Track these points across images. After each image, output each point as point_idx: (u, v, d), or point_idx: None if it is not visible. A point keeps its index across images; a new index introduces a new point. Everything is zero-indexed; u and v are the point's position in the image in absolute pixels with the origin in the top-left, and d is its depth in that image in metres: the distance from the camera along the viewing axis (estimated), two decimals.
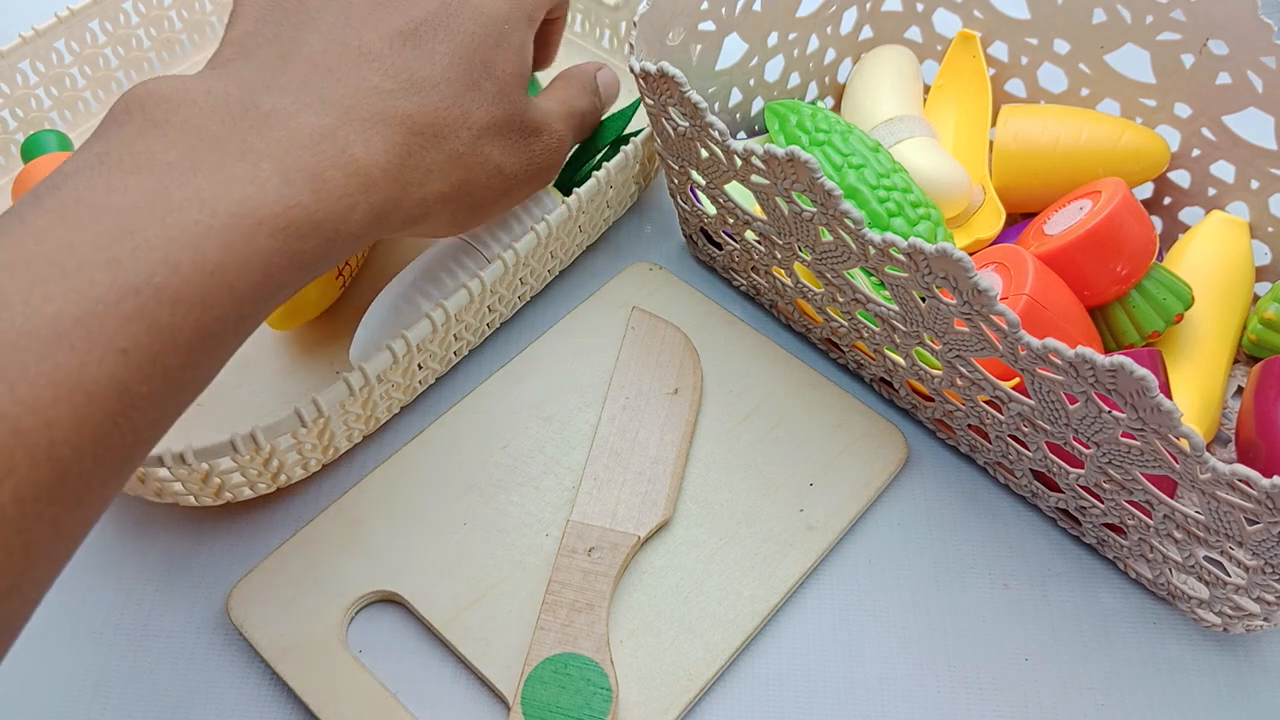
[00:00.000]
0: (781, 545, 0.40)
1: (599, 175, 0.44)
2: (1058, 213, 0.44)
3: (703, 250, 0.48)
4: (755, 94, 0.50)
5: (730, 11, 0.45)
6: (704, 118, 0.38)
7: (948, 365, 0.37)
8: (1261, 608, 0.35)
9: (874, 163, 0.44)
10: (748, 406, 0.44)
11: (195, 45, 0.57)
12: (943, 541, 0.41)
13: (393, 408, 0.42)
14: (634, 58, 0.40)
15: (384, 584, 0.38)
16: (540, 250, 0.43)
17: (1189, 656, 0.39)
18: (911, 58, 0.52)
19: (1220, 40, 0.43)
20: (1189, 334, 0.43)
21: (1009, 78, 0.51)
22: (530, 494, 0.41)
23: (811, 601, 0.39)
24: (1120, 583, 0.40)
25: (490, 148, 0.35)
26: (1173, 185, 0.48)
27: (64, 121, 0.53)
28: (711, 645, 0.37)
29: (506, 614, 0.38)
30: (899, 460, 0.42)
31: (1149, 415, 0.30)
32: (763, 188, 0.38)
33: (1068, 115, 0.47)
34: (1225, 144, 0.45)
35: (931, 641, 0.39)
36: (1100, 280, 0.41)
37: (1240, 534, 0.32)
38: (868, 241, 0.35)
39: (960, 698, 0.37)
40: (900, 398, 0.43)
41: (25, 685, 0.37)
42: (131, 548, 0.40)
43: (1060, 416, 0.34)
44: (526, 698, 0.35)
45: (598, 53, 0.58)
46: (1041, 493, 0.40)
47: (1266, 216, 0.45)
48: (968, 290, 0.32)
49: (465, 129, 0.34)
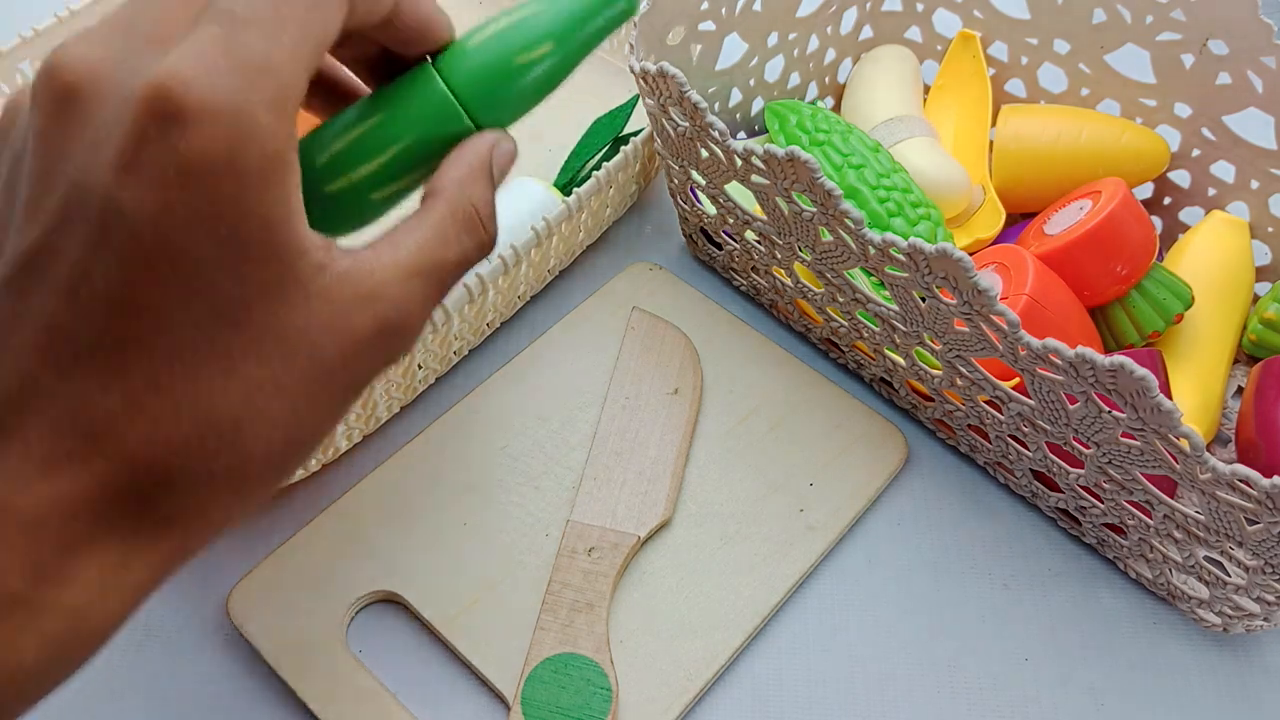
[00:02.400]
0: (781, 545, 0.40)
1: (599, 175, 0.44)
2: (1058, 213, 0.44)
3: (703, 250, 0.48)
4: (755, 94, 0.50)
5: (730, 11, 0.45)
6: (704, 118, 0.38)
7: (948, 365, 0.37)
8: (1261, 608, 0.35)
9: (874, 163, 0.44)
10: (748, 406, 0.44)
11: None
12: (943, 541, 0.41)
13: (393, 407, 0.42)
14: (634, 58, 0.40)
15: (384, 584, 0.38)
16: (540, 250, 0.43)
17: (1189, 656, 0.38)
18: (911, 58, 0.52)
19: (1220, 40, 0.43)
20: (1189, 334, 0.43)
21: (1009, 78, 0.51)
22: (530, 494, 0.41)
23: (811, 601, 0.39)
24: (1120, 583, 0.40)
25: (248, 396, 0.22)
26: (1173, 185, 0.48)
27: None
28: (711, 645, 0.37)
29: (506, 614, 0.38)
30: (899, 460, 0.42)
31: (1149, 415, 0.30)
32: (763, 188, 0.38)
33: (1068, 115, 0.47)
34: (1225, 144, 0.45)
35: (931, 641, 0.39)
36: (1100, 280, 0.41)
37: (1240, 534, 0.32)
38: (868, 241, 0.35)
39: (960, 698, 0.37)
40: (900, 398, 0.43)
41: None
42: None
43: (1060, 416, 0.34)
44: (526, 698, 0.35)
45: (597, 52, 0.58)
46: (1041, 493, 0.40)
47: (1266, 216, 0.45)
48: (968, 290, 0.32)
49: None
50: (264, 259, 0.22)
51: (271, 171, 0.22)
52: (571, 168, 0.49)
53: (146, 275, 0.21)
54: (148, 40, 0.22)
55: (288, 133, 0.22)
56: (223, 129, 0.21)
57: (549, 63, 0.29)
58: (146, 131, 0.21)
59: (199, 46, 0.22)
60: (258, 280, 0.22)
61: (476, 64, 0.28)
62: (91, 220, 0.21)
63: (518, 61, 0.29)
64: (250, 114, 0.21)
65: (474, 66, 0.28)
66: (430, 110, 0.28)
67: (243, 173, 0.21)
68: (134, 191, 0.21)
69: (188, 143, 0.21)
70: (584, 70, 0.38)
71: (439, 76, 0.28)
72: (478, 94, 0.28)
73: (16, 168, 0.23)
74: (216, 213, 0.21)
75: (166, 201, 0.21)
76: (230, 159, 0.21)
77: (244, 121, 0.21)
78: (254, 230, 0.22)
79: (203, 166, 0.21)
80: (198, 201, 0.21)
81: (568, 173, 0.49)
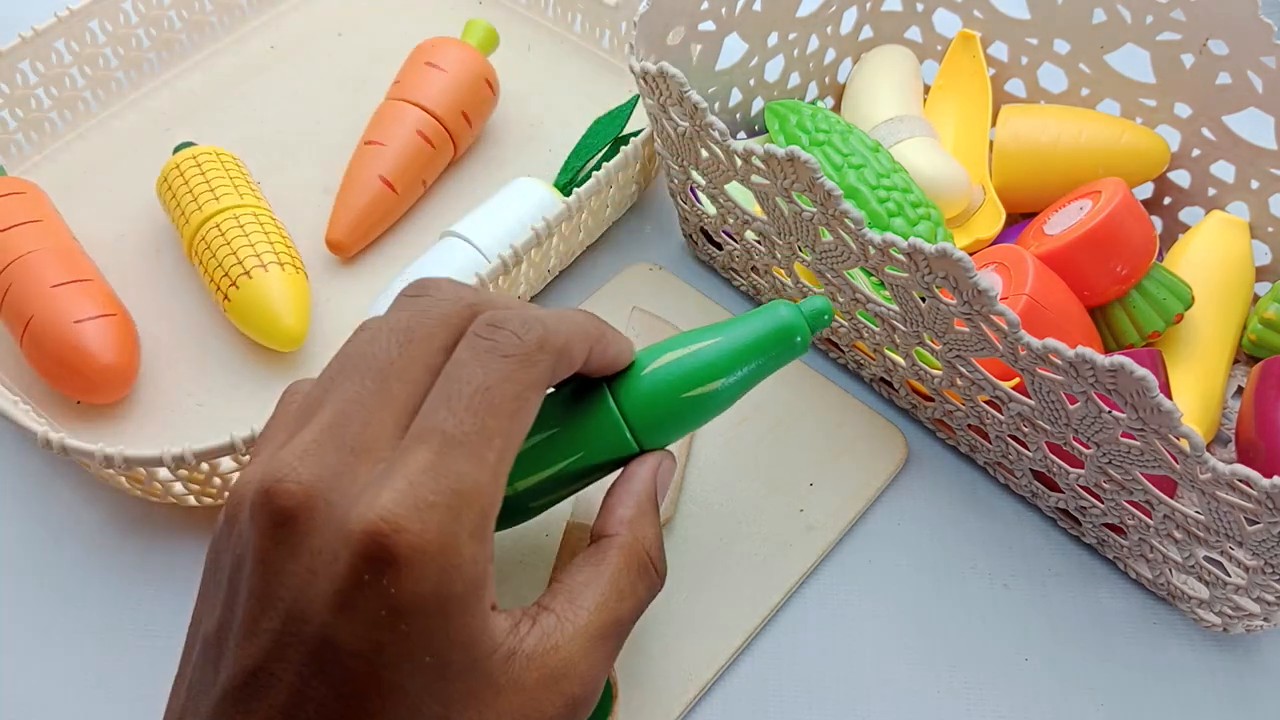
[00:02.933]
0: (781, 545, 0.40)
1: (599, 175, 0.44)
2: (1058, 213, 0.44)
3: (703, 250, 0.48)
4: (755, 94, 0.50)
5: (730, 11, 0.45)
6: (704, 118, 0.38)
7: (948, 365, 0.37)
8: (1261, 608, 0.35)
9: (874, 163, 0.44)
10: (748, 407, 0.44)
11: (195, 45, 0.57)
12: (943, 542, 0.41)
13: None
14: (634, 58, 0.40)
15: None
16: (540, 250, 0.43)
17: (1189, 656, 0.39)
18: (911, 58, 0.52)
19: (1220, 40, 0.43)
20: (1189, 334, 0.43)
21: (1009, 78, 0.51)
22: None
23: (811, 601, 0.39)
24: (1120, 583, 0.40)
25: None
26: (1173, 185, 0.48)
27: (63, 121, 0.53)
28: (711, 645, 0.37)
29: None
30: (899, 460, 0.42)
31: (1149, 415, 0.30)
32: (763, 188, 0.38)
33: (1068, 115, 0.47)
34: (1225, 144, 0.45)
35: (932, 642, 0.39)
36: (1100, 280, 0.41)
37: (1240, 534, 0.32)
38: (868, 242, 0.35)
39: (960, 698, 0.37)
40: (900, 398, 0.43)
41: (25, 685, 0.37)
42: (131, 548, 0.40)
43: (1060, 416, 0.34)
44: None
45: (598, 52, 0.58)
46: (1041, 493, 0.40)
47: (1266, 216, 0.45)
48: (968, 290, 0.32)
49: None
50: (463, 673, 0.23)
51: (473, 595, 0.23)
52: (572, 168, 0.49)
53: (358, 706, 0.22)
54: (356, 454, 0.24)
55: (487, 555, 0.24)
56: (432, 568, 0.22)
57: (718, 399, 0.30)
58: (361, 574, 0.22)
59: (410, 479, 0.23)
60: (459, 693, 0.23)
61: (648, 393, 0.29)
62: (307, 649, 0.22)
63: (686, 396, 0.29)
64: (456, 549, 0.23)
65: (646, 395, 0.29)
66: (602, 434, 0.29)
67: (447, 603, 0.23)
68: (349, 629, 0.22)
69: (399, 586, 0.22)
70: (584, 70, 0.38)
71: (613, 402, 0.29)
72: (647, 422, 0.29)
73: (238, 571, 0.24)
74: (425, 645, 0.23)
75: (379, 641, 0.22)
76: (438, 595, 0.23)
77: (450, 556, 0.23)
78: (456, 654, 0.23)
79: (413, 607, 0.22)
80: (407, 638, 0.22)
81: (568, 173, 0.49)
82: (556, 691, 0.25)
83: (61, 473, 0.42)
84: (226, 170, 0.47)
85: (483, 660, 0.24)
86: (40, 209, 0.45)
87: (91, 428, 0.43)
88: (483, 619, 0.24)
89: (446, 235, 0.45)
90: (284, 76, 0.57)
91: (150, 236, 0.49)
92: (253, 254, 0.43)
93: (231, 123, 0.54)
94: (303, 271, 0.45)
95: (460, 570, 0.23)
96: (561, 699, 0.25)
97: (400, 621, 0.22)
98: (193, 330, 0.46)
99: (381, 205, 0.48)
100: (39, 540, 0.41)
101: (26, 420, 0.37)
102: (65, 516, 0.41)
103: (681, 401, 0.29)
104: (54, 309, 0.42)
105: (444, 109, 0.50)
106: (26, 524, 0.41)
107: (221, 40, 0.58)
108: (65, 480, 0.42)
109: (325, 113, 0.54)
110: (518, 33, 0.59)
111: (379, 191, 0.48)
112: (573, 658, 0.25)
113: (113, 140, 0.53)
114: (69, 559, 0.40)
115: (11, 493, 0.42)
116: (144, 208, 0.50)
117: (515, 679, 0.24)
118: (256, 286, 0.43)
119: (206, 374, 0.45)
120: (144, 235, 0.49)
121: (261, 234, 0.44)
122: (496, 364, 0.25)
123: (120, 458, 0.35)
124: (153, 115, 0.55)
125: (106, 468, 0.36)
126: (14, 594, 0.39)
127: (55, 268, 0.43)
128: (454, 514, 0.23)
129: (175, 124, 0.54)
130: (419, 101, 0.49)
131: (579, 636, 0.26)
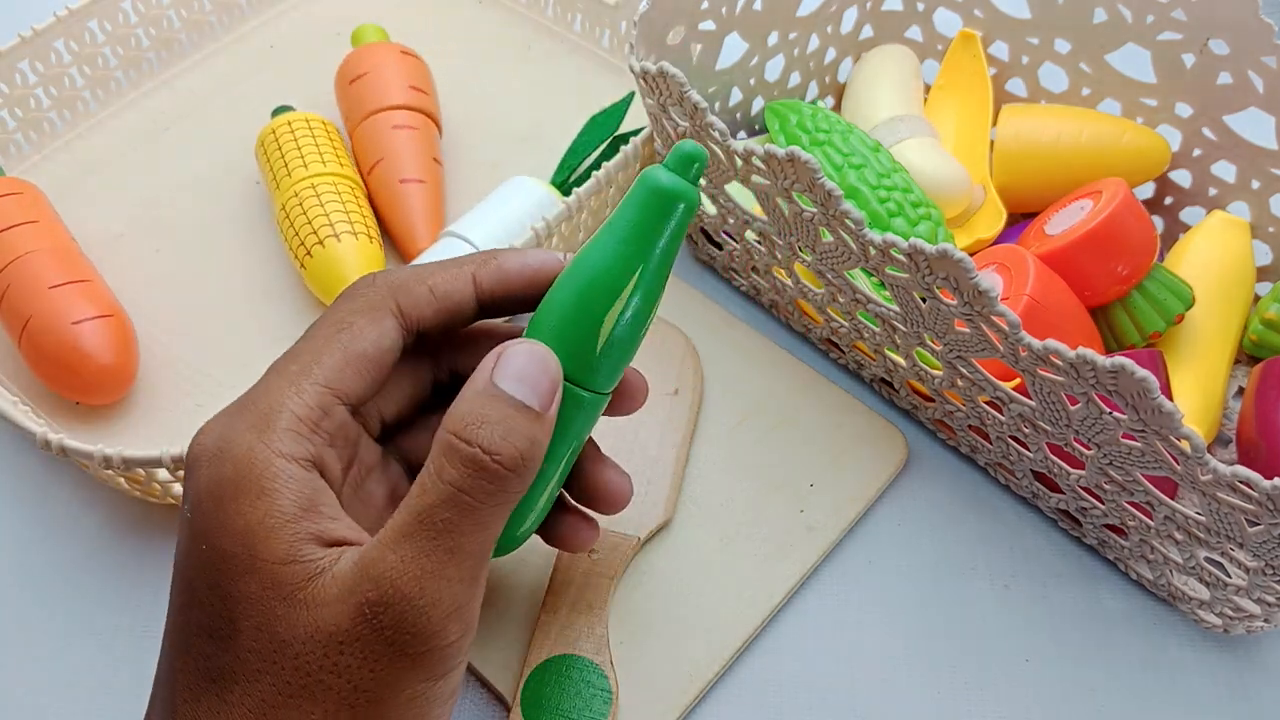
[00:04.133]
0: (782, 546, 0.40)
1: (599, 175, 0.44)
2: (1058, 213, 0.43)
3: (703, 250, 0.48)
4: (755, 94, 0.50)
5: (730, 11, 0.45)
6: (704, 118, 0.38)
7: (948, 366, 0.37)
8: (1262, 609, 0.35)
9: (874, 163, 0.44)
10: (748, 407, 0.43)
11: (194, 44, 0.57)
12: (943, 542, 0.41)
13: None
14: (634, 57, 0.40)
15: None
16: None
17: (1189, 657, 0.38)
18: (912, 57, 0.51)
19: (1221, 40, 0.43)
20: (1190, 334, 0.43)
21: (1010, 77, 0.51)
22: None
23: (811, 602, 0.39)
24: (1121, 584, 0.40)
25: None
26: (1173, 185, 0.48)
27: (62, 121, 0.53)
28: (711, 645, 0.37)
29: (506, 615, 0.38)
30: (899, 461, 0.42)
31: (1150, 416, 0.30)
32: (763, 188, 0.38)
33: (1068, 115, 0.47)
34: (1226, 144, 0.45)
35: (932, 642, 0.39)
36: (1101, 280, 0.41)
37: (1241, 535, 0.32)
38: (868, 242, 0.35)
39: (961, 698, 0.37)
40: (900, 398, 0.43)
41: (25, 685, 0.37)
42: (131, 548, 0.40)
43: (1061, 417, 0.34)
44: (526, 699, 0.35)
45: (597, 52, 0.58)
46: (1042, 494, 0.40)
47: (1267, 216, 0.45)
48: (968, 291, 0.32)
49: None
50: (245, 573, 0.24)
51: (254, 492, 0.25)
52: (568, 165, 0.49)
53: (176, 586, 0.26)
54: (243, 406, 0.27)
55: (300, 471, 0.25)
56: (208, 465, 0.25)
57: (640, 301, 0.28)
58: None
59: None
60: (241, 594, 0.24)
61: (567, 325, 0.28)
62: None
63: (605, 314, 0.28)
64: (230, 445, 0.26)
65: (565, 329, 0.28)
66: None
67: (220, 490, 0.25)
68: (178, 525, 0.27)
69: (186, 482, 0.26)
70: (583, 70, 0.38)
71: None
72: (579, 356, 0.28)
73: None
74: (201, 533, 0.25)
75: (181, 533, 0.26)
76: (211, 484, 0.25)
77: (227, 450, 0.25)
78: (230, 545, 0.25)
79: (192, 497, 0.26)
80: (189, 524, 0.26)
81: (564, 170, 0.49)
82: (349, 603, 0.24)
83: (61, 473, 0.42)
84: (315, 139, 0.48)
85: (273, 565, 0.24)
86: (38, 209, 0.45)
87: (90, 428, 0.43)
88: (280, 524, 0.24)
89: (446, 235, 0.45)
90: (284, 76, 0.56)
91: (149, 237, 0.49)
92: (326, 223, 0.45)
93: (231, 123, 0.54)
94: (377, 241, 0.46)
95: (237, 462, 0.25)
96: (352, 607, 0.24)
97: (185, 507, 0.26)
98: (191, 331, 0.46)
99: (426, 196, 0.48)
100: (38, 541, 0.41)
101: (26, 421, 0.37)
102: (64, 517, 0.41)
103: (602, 321, 0.27)
104: (52, 310, 0.42)
105: (394, 98, 0.50)
106: (26, 524, 0.41)
107: (221, 40, 0.58)
108: (64, 481, 0.42)
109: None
110: (517, 33, 0.59)
111: (412, 190, 0.48)
112: (372, 563, 0.24)
113: (112, 140, 0.53)
114: (68, 559, 0.40)
115: (11, 493, 0.42)
116: (143, 208, 0.50)
117: (314, 595, 0.24)
118: (329, 254, 0.44)
119: (205, 375, 0.45)
120: (143, 235, 0.49)
121: (339, 204, 0.46)
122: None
123: (120, 458, 0.35)
124: (152, 115, 0.54)
125: (106, 468, 0.36)
126: (14, 594, 0.39)
127: (53, 268, 0.43)
128: (230, 417, 0.26)
129: (175, 124, 0.54)
130: (373, 108, 0.50)
131: (379, 544, 0.24)
